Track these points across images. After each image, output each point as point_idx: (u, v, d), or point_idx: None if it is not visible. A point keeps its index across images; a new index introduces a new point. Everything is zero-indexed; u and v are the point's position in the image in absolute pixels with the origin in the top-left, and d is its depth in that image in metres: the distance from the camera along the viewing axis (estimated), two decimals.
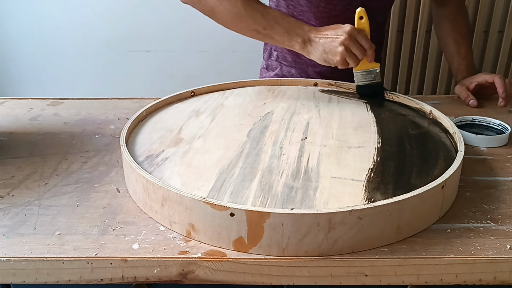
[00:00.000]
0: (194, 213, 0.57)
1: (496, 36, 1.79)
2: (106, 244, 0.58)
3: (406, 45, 1.80)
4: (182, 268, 0.56)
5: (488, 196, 0.68)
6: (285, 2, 1.07)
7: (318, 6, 1.01)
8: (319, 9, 1.02)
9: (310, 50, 0.86)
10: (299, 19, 1.07)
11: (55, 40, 1.90)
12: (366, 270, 0.56)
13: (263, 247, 0.56)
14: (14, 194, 0.68)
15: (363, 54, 0.86)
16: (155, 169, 0.68)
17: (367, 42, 0.86)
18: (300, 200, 0.60)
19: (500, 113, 0.96)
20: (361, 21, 0.88)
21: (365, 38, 0.86)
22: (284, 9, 1.07)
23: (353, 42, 0.84)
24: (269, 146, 0.74)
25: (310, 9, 1.03)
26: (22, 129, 0.89)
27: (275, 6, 1.10)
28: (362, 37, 0.86)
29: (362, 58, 0.87)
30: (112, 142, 0.84)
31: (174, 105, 0.90)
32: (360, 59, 0.86)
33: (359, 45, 0.85)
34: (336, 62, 0.85)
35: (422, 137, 0.78)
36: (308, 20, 1.06)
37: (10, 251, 0.57)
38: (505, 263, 0.56)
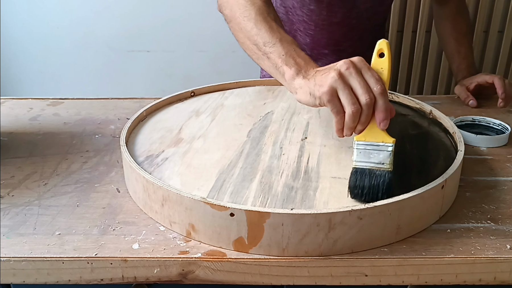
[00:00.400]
0: (194, 213, 0.57)
1: (496, 36, 1.79)
2: (106, 244, 0.58)
3: (406, 45, 1.80)
4: (182, 268, 0.56)
5: (488, 196, 0.68)
6: (284, 8, 1.06)
7: (320, 14, 1.01)
8: (320, 16, 1.02)
9: (300, 84, 0.63)
10: (296, 27, 1.07)
11: (55, 40, 1.90)
12: (366, 270, 0.56)
13: (263, 247, 0.56)
14: (14, 194, 0.68)
15: (368, 100, 0.56)
16: (155, 169, 0.68)
17: (380, 87, 0.57)
18: (300, 200, 0.60)
19: (500, 113, 0.96)
20: (380, 60, 0.59)
21: (378, 80, 0.57)
22: (284, 15, 1.07)
23: (355, 73, 0.57)
24: (269, 146, 0.74)
25: (310, 17, 1.03)
26: (22, 129, 0.89)
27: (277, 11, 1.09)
28: (373, 77, 0.58)
29: (366, 105, 0.57)
30: (112, 142, 0.84)
31: (174, 105, 0.90)
32: (362, 103, 0.57)
33: (365, 83, 0.57)
34: (322, 94, 0.58)
35: (422, 137, 0.78)
36: (305, 30, 1.06)
37: (10, 251, 0.57)
38: (505, 263, 0.56)
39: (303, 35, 1.07)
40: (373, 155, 0.58)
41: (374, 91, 0.57)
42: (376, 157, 0.58)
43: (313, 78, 0.61)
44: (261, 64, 0.71)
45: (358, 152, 0.59)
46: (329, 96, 0.58)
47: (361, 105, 0.57)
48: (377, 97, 0.57)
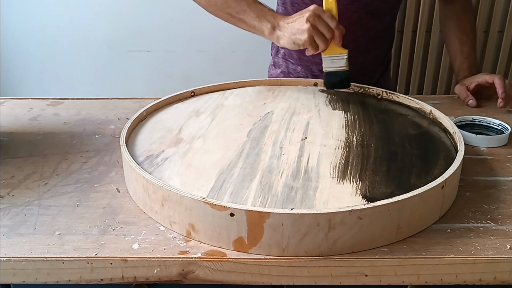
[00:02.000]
0: (194, 213, 0.57)
1: (496, 36, 1.79)
2: (106, 244, 0.58)
3: (406, 45, 1.80)
4: (182, 268, 0.56)
5: (488, 196, 0.68)
6: (290, 1, 1.07)
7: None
8: None
9: (280, 36, 0.87)
10: None
11: (55, 40, 1.90)
12: (366, 270, 0.56)
13: (263, 247, 0.56)
14: (14, 194, 0.68)
15: (331, 34, 0.85)
16: (155, 169, 0.68)
17: (333, 22, 0.85)
18: (300, 200, 0.60)
19: (500, 113, 0.96)
20: (328, 1, 0.87)
21: (331, 17, 0.85)
22: (289, 6, 1.07)
23: (318, 20, 0.84)
24: (269, 146, 0.74)
25: None
26: (22, 129, 0.89)
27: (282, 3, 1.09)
28: (328, 16, 0.85)
29: (330, 37, 0.85)
30: (112, 142, 0.84)
31: (174, 105, 0.90)
32: (328, 38, 0.85)
33: (325, 24, 0.85)
34: (304, 42, 0.85)
35: (422, 137, 0.78)
36: None
37: (10, 251, 0.57)
38: (505, 263, 0.56)
39: None
40: (336, 62, 0.90)
41: (332, 26, 0.85)
42: (338, 63, 0.91)
43: (289, 28, 0.86)
44: (240, 27, 0.92)
45: (326, 62, 0.91)
46: (309, 41, 0.85)
47: (327, 38, 0.86)
48: (334, 30, 0.86)
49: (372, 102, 0.92)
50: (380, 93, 0.94)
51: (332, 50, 0.89)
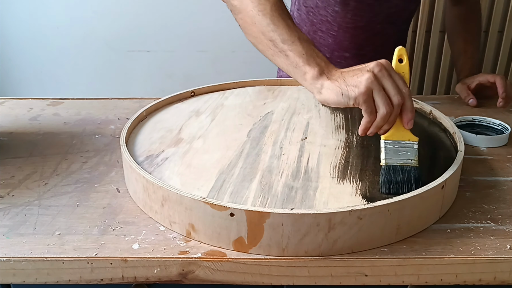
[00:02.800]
0: (194, 213, 0.57)
1: (496, 36, 1.79)
2: (106, 244, 0.58)
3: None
4: (182, 268, 0.56)
5: (488, 196, 0.68)
6: (306, 8, 1.05)
7: (344, 17, 1.01)
8: (344, 19, 1.01)
9: (325, 84, 0.64)
10: (317, 27, 1.06)
11: (55, 40, 1.90)
12: (366, 270, 0.56)
13: (263, 247, 0.56)
14: (14, 194, 0.68)
15: (400, 99, 0.61)
16: (155, 169, 0.68)
17: (405, 87, 0.62)
18: (300, 200, 0.60)
19: (500, 113, 0.96)
20: (400, 65, 0.65)
21: (402, 80, 0.63)
22: (304, 14, 1.06)
23: (387, 74, 0.61)
24: (269, 146, 0.74)
25: (334, 18, 1.02)
26: (22, 129, 0.89)
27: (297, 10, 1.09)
28: (399, 77, 0.62)
29: (398, 103, 0.61)
30: (112, 142, 0.84)
31: (174, 105, 0.90)
32: (394, 104, 0.61)
33: (394, 83, 0.61)
34: (359, 95, 0.60)
35: (422, 137, 0.78)
36: (328, 30, 1.04)
37: (10, 251, 0.57)
38: (505, 263, 0.56)
39: (325, 35, 1.06)
40: (401, 153, 0.63)
41: (403, 92, 0.61)
42: (404, 155, 0.63)
43: (341, 79, 0.63)
44: (276, 61, 0.71)
45: (388, 150, 0.63)
46: (366, 96, 0.60)
47: (393, 105, 0.61)
48: (406, 98, 0.61)
49: None
50: None
51: (397, 133, 0.63)
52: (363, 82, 0.60)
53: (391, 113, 0.61)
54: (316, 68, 0.65)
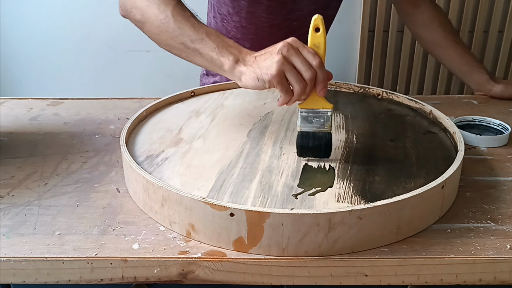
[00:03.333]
0: (194, 213, 0.57)
1: (496, 36, 1.79)
2: (106, 244, 0.58)
3: (406, 45, 1.80)
4: (182, 268, 0.56)
5: (488, 196, 0.68)
6: (220, 16, 1.05)
7: (260, 17, 1.00)
8: (260, 19, 1.01)
9: (242, 70, 0.67)
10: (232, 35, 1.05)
11: (55, 40, 1.90)
12: (366, 270, 0.56)
13: (263, 247, 0.56)
14: (14, 194, 0.68)
15: (311, 73, 0.63)
16: (155, 169, 0.68)
17: (316, 59, 0.63)
18: (300, 200, 0.60)
19: (500, 113, 0.96)
20: (316, 34, 0.64)
21: (313, 53, 0.64)
22: (219, 22, 1.05)
23: (295, 53, 0.63)
24: (269, 146, 0.74)
25: (250, 20, 1.01)
26: (22, 129, 0.89)
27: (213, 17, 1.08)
28: (309, 52, 0.64)
29: (310, 78, 0.63)
30: (112, 142, 0.84)
31: (174, 105, 0.90)
32: (307, 78, 0.63)
33: (304, 60, 0.63)
34: (272, 78, 0.63)
35: (422, 137, 0.78)
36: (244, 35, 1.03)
37: (10, 251, 0.57)
38: (505, 263, 0.56)
39: (242, 42, 1.05)
40: (315, 120, 0.67)
41: (313, 65, 0.63)
42: (317, 121, 0.67)
43: (255, 63, 0.66)
44: (193, 61, 0.74)
45: (302, 118, 0.67)
46: (279, 78, 0.63)
47: (306, 80, 0.64)
48: (316, 70, 0.63)
49: (372, 102, 0.93)
50: (380, 93, 0.94)
51: (312, 102, 0.67)
52: (274, 65, 0.63)
53: (305, 89, 0.64)
54: (231, 57, 0.68)
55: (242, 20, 1.01)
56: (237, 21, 1.02)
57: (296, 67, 0.63)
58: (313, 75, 0.63)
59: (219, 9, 1.04)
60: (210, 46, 0.70)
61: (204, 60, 0.71)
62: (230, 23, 1.03)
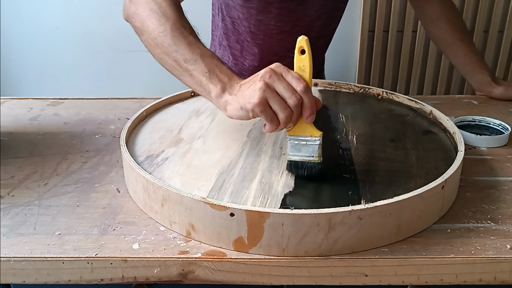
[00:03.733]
0: (194, 213, 0.57)
1: (496, 36, 1.79)
2: (106, 244, 0.58)
3: (406, 45, 1.80)
4: (182, 268, 0.56)
5: (488, 196, 0.68)
6: (230, 19, 1.05)
7: (268, 24, 1.01)
8: (268, 26, 1.01)
9: (228, 100, 0.64)
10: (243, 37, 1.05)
11: (55, 40, 1.90)
12: (366, 270, 0.56)
13: (263, 247, 0.56)
14: (14, 194, 0.68)
15: (295, 99, 0.59)
16: (155, 169, 0.68)
17: (300, 83, 0.60)
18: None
19: (500, 113, 0.96)
20: (301, 57, 0.61)
21: (297, 78, 0.60)
22: (230, 25, 1.06)
23: (278, 79, 0.60)
24: (269, 146, 0.74)
25: (259, 27, 1.01)
26: (22, 129, 0.89)
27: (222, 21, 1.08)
28: (293, 76, 0.60)
29: (295, 104, 0.59)
30: (112, 142, 0.84)
31: (174, 105, 0.90)
32: (291, 105, 0.59)
33: (287, 85, 0.60)
34: (254, 107, 0.59)
35: (422, 137, 0.78)
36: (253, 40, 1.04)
37: (10, 251, 0.57)
38: (505, 263, 0.56)
39: (251, 45, 1.05)
40: (304, 148, 0.63)
41: (298, 90, 0.59)
42: (306, 150, 0.63)
43: (240, 92, 0.63)
44: (183, 80, 0.70)
45: (291, 145, 0.64)
46: (262, 107, 0.59)
47: (290, 107, 0.60)
48: (302, 96, 0.60)
49: (372, 102, 0.93)
50: (380, 93, 0.94)
51: (300, 129, 0.63)
52: (256, 93, 0.59)
53: (291, 116, 0.60)
54: (219, 86, 0.65)
55: (251, 26, 1.02)
56: (247, 26, 1.02)
57: (279, 94, 0.60)
58: (298, 101, 0.60)
59: (228, 12, 1.05)
60: (201, 70, 0.66)
61: (194, 82, 0.68)
62: (240, 26, 1.03)
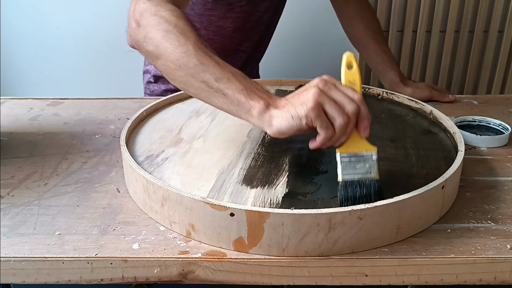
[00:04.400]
0: (194, 213, 0.57)
1: (496, 36, 1.79)
2: (106, 244, 0.58)
3: (406, 45, 1.80)
4: (182, 268, 0.56)
5: (488, 196, 0.68)
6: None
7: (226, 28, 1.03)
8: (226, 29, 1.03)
9: (274, 114, 0.59)
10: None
11: (55, 40, 1.90)
12: (366, 270, 0.56)
13: (263, 247, 0.56)
14: (14, 194, 0.68)
15: (355, 108, 0.57)
16: (155, 169, 0.68)
17: (356, 95, 0.58)
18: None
19: (500, 113, 0.96)
20: (350, 72, 0.60)
21: (352, 89, 0.58)
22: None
23: (334, 87, 0.58)
24: None
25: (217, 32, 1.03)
26: (22, 129, 0.89)
27: None
28: (347, 88, 0.58)
29: (353, 113, 0.57)
30: (112, 142, 0.84)
31: (174, 105, 0.90)
32: (349, 112, 0.57)
33: (343, 94, 0.57)
34: (308, 111, 0.56)
35: (422, 137, 0.78)
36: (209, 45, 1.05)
37: (10, 251, 0.57)
38: (505, 263, 0.56)
39: None
40: (359, 166, 0.58)
41: (355, 100, 0.57)
42: (363, 167, 0.58)
43: (288, 103, 0.59)
44: (213, 102, 0.64)
45: (344, 164, 0.59)
46: (317, 111, 0.56)
47: (348, 114, 0.57)
48: (360, 105, 0.57)
49: (372, 102, 0.93)
50: (381, 93, 0.94)
51: (353, 144, 0.59)
52: (310, 98, 0.56)
53: (348, 123, 0.57)
54: (261, 102, 0.60)
55: (210, 33, 1.03)
56: (204, 35, 1.03)
57: (335, 100, 0.57)
58: (356, 109, 0.56)
59: None
60: (237, 87, 0.61)
61: (229, 102, 0.62)
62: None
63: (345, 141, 0.59)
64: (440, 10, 1.74)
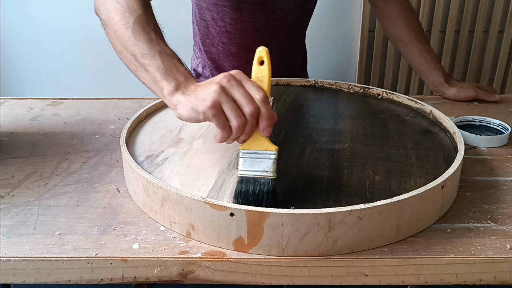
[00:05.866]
0: (194, 213, 0.57)
1: (496, 36, 1.79)
2: (106, 244, 0.58)
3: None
4: (182, 268, 0.56)
5: (488, 196, 0.68)
6: (204, 22, 1.05)
7: (243, 21, 1.01)
8: (244, 24, 1.02)
9: (180, 100, 0.61)
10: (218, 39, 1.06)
11: (55, 40, 1.90)
12: (366, 270, 0.56)
13: (263, 247, 0.56)
14: (14, 194, 0.68)
15: (252, 108, 0.56)
16: (155, 169, 0.68)
17: (259, 92, 0.57)
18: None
19: (500, 113, 0.96)
20: (260, 67, 0.59)
21: (256, 87, 0.57)
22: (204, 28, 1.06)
23: (236, 84, 0.57)
24: None
25: (234, 26, 1.02)
26: (22, 129, 0.89)
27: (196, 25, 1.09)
28: (252, 85, 0.57)
29: (252, 113, 0.56)
30: (112, 142, 0.84)
31: None
32: (247, 114, 0.56)
33: (244, 92, 0.57)
34: (206, 109, 0.56)
35: (422, 137, 0.78)
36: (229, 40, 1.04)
37: (10, 251, 0.57)
38: (505, 263, 0.56)
39: (227, 46, 1.06)
40: (257, 163, 0.59)
41: (256, 99, 0.57)
42: (261, 165, 0.59)
43: (193, 93, 0.60)
44: (139, 76, 0.68)
45: (243, 161, 0.59)
46: (214, 110, 0.56)
47: (245, 116, 0.56)
48: (260, 105, 0.57)
49: (372, 102, 0.93)
50: (380, 93, 0.94)
51: (254, 142, 0.59)
52: (210, 95, 0.56)
53: (245, 125, 0.57)
54: (173, 84, 0.62)
55: (227, 25, 1.02)
56: (222, 26, 1.02)
57: (236, 100, 0.57)
58: (255, 111, 0.56)
59: (202, 15, 1.05)
60: (158, 66, 0.64)
61: (149, 79, 0.65)
62: (215, 28, 1.03)
63: (246, 140, 0.59)
64: (440, 10, 1.74)
